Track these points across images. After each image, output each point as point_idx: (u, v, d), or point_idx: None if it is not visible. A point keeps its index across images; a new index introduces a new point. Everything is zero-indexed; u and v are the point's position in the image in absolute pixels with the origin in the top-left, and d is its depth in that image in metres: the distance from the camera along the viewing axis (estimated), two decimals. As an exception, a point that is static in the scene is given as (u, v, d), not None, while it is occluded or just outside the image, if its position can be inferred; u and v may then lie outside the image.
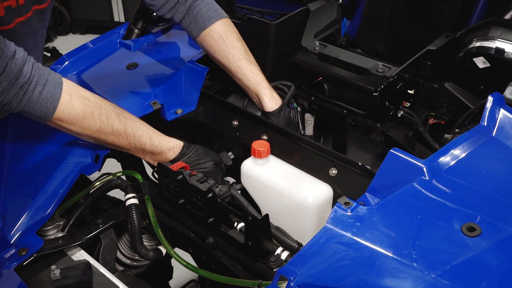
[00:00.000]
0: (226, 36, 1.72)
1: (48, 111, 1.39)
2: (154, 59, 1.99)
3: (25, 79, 1.34)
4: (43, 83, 1.37)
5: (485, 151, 1.32)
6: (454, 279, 1.03)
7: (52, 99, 1.39)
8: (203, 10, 1.72)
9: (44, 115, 1.40)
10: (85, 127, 1.46)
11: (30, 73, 1.35)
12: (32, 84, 1.35)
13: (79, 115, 1.44)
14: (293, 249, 1.36)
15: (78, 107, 1.44)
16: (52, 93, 1.39)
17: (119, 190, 1.67)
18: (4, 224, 1.53)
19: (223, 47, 1.72)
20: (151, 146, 1.56)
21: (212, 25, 1.72)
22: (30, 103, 1.36)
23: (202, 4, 1.73)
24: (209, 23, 1.72)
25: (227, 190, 1.47)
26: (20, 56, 1.34)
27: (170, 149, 1.58)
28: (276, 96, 1.73)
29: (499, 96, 1.42)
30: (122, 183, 1.66)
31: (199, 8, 1.73)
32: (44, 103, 1.38)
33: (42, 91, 1.37)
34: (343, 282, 1.06)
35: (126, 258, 1.78)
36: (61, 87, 1.41)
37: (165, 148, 1.57)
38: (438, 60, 1.75)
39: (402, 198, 1.23)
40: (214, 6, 1.75)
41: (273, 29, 1.95)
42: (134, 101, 1.79)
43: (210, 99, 1.79)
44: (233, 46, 1.72)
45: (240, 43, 1.75)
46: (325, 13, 2.04)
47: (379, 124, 1.66)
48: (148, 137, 1.56)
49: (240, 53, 1.73)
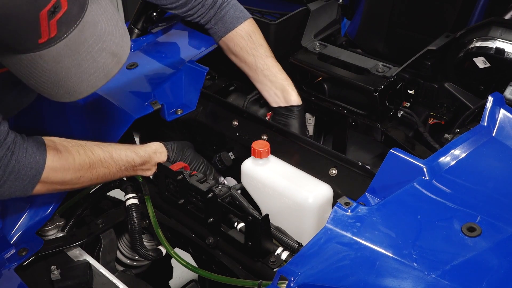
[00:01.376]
0: (254, 35, 1.77)
1: (38, 164, 1.33)
2: (154, 59, 1.99)
3: (10, 140, 1.29)
4: (24, 141, 1.33)
5: (485, 151, 1.32)
6: (454, 279, 1.03)
7: (39, 151, 1.33)
8: (231, 11, 1.77)
9: (34, 172, 1.32)
10: (78, 168, 1.41)
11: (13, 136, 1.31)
12: (17, 144, 1.30)
13: (69, 159, 1.39)
14: (293, 249, 1.36)
15: (64, 150, 1.39)
16: (36, 146, 1.34)
17: (119, 190, 1.67)
18: (4, 224, 1.54)
19: (251, 45, 1.76)
20: (139, 159, 1.54)
21: (240, 25, 1.77)
22: (18, 161, 1.29)
23: (229, 6, 1.77)
24: (238, 23, 1.76)
25: (227, 190, 1.47)
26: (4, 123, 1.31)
27: (155, 152, 1.58)
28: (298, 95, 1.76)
29: (499, 96, 1.42)
30: (122, 183, 1.66)
31: (227, 10, 1.77)
32: (32, 157, 1.32)
33: (27, 147, 1.32)
34: (343, 282, 1.06)
35: (126, 258, 1.78)
36: (41, 139, 1.37)
37: (151, 153, 1.57)
38: (438, 60, 1.75)
39: (402, 198, 1.23)
40: (240, 7, 1.80)
41: (273, 29, 1.95)
42: (134, 101, 1.79)
43: (210, 99, 1.78)
44: (260, 44, 1.77)
45: (265, 42, 1.79)
46: (325, 13, 2.04)
47: (379, 124, 1.66)
48: (132, 152, 1.54)
49: (267, 50, 1.78)
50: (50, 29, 1.10)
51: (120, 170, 1.51)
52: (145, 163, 1.56)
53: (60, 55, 1.15)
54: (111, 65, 1.21)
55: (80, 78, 1.19)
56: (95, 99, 1.84)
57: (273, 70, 1.74)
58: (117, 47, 1.21)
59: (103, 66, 1.20)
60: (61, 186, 1.41)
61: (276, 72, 1.74)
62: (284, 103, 1.73)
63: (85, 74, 1.19)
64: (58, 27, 1.12)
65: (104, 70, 1.21)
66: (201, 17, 1.78)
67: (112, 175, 1.50)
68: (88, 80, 1.20)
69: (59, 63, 1.15)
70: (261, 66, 1.75)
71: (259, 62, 1.75)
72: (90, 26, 1.17)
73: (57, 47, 1.14)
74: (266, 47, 1.78)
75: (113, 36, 1.21)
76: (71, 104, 1.89)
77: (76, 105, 1.88)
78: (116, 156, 1.49)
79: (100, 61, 1.19)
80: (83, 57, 1.17)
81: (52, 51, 1.14)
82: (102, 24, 1.19)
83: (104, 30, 1.19)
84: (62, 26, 1.12)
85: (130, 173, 1.55)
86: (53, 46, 1.13)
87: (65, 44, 1.14)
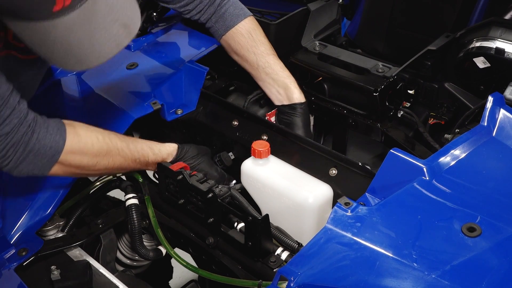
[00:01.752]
0: (254, 33, 1.76)
1: (58, 144, 1.35)
2: (154, 59, 1.99)
3: (31, 118, 1.32)
4: (45, 121, 1.35)
5: (485, 151, 1.32)
6: (454, 279, 1.03)
7: (59, 132, 1.36)
8: (231, 8, 1.76)
9: (53, 152, 1.34)
10: (95, 153, 1.43)
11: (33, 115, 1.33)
12: (38, 122, 1.33)
13: (88, 143, 1.41)
14: (293, 249, 1.36)
15: (84, 134, 1.41)
16: (57, 127, 1.36)
17: (119, 190, 1.67)
18: (4, 224, 1.54)
19: (252, 43, 1.75)
20: (154, 155, 1.56)
21: (240, 23, 1.76)
22: (39, 140, 1.32)
23: (228, 3, 1.77)
24: (238, 21, 1.76)
25: (227, 190, 1.47)
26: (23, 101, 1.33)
27: (169, 154, 1.59)
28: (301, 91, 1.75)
29: (499, 96, 1.42)
30: (122, 183, 1.66)
31: (227, 7, 1.76)
32: (53, 137, 1.34)
33: (48, 127, 1.34)
34: (343, 282, 1.06)
35: (126, 258, 1.78)
36: (61, 121, 1.39)
37: (164, 154, 1.58)
38: (438, 60, 1.75)
39: (402, 198, 1.23)
40: (240, 4, 1.80)
41: (273, 29, 1.95)
42: (134, 101, 1.79)
43: (210, 99, 1.79)
44: (261, 42, 1.76)
45: (267, 40, 1.78)
46: (325, 13, 2.04)
47: (379, 124, 1.66)
48: (148, 147, 1.56)
49: (268, 48, 1.77)
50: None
51: (134, 162, 1.53)
52: (157, 161, 1.57)
53: (74, 24, 1.16)
54: (122, 36, 1.23)
55: (92, 47, 1.20)
56: (95, 99, 1.84)
57: (275, 68, 1.74)
58: (128, 19, 1.23)
59: (115, 36, 1.21)
60: (77, 169, 1.43)
61: (278, 70, 1.74)
62: (287, 101, 1.72)
63: (97, 44, 1.20)
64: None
65: (116, 41, 1.22)
66: (201, 14, 1.77)
67: (126, 166, 1.52)
68: (100, 50, 1.21)
69: (72, 33, 1.16)
70: (262, 64, 1.74)
71: (260, 60, 1.75)
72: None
73: (71, 16, 1.15)
74: (267, 45, 1.77)
75: (124, 9, 1.22)
76: (71, 104, 1.89)
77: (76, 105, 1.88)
78: (132, 147, 1.51)
79: (112, 31, 1.20)
80: (96, 27, 1.18)
81: (66, 20, 1.14)
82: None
83: (116, 2, 1.20)
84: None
85: (143, 167, 1.57)
86: (67, 15, 1.14)
87: (78, 13, 1.15)
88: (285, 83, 1.72)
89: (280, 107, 1.74)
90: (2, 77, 1.27)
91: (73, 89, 1.92)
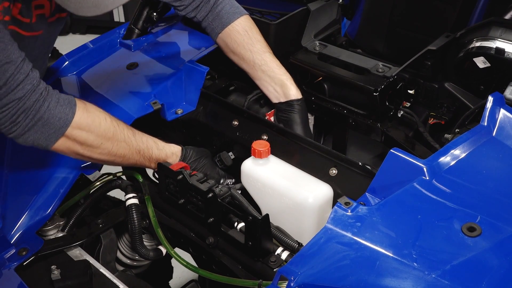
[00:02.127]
0: (250, 31, 1.77)
1: (67, 116, 1.37)
2: (154, 59, 1.99)
3: (43, 87, 1.34)
4: (57, 93, 1.38)
5: (485, 151, 1.32)
6: (454, 279, 1.03)
7: (70, 105, 1.38)
8: (227, 7, 1.77)
9: (61, 123, 1.37)
10: (102, 133, 1.44)
11: (45, 84, 1.36)
12: (49, 92, 1.35)
13: (95, 121, 1.43)
14: (293, 249, 1.36)
15: (93, 112, 1.43)
16: (68, 100, 1.38)
17: (119, 190, 1.67)
18: (4, 224, 1.54)
19: (248, 40, 1.76)
20: (158, 150, 1.56)
21: (237, 20, 1.77)
22: (49, 109, 1.34)
23: (224, 2, 1.78)
24: (234, 19, 1.76)
25: (227, 190, 1.47)
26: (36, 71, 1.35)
27: (173, 154, 1.60)
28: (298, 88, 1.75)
29: (499, 96, 1.42)
30: (122, 183, 1.67)
31: (223, 6, 1.77)
32: (63, 108, 1.36)
33: (59, 98, 1.37)
34: (343, 282, 1.06)
35: (126, 258, 1.78)
36: (73, 97, 1.41)
37: (169, 152, 1.59)
38: (438, 60, 1.75)
39: (402, 198, 1.23)
40: (235, 3, 1.81)
41: (273, 29, 1.95)
42: (134, 101, 1.79)
43: (210, 99, 1.79)
44: (257, 40, 1.77)
45: (262, 38, 1.79)
46: (325, 13, 2.04)
47: (379, 124, 1.66)
48: (153, 141, 1.56)
49: (264, 46, 1.77)
50: None
51: (138, 153, 1.53)
52: (160, 159, 1.56)
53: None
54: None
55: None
56: (95, 99, 1.84)
57: (271, 65, 1.74)
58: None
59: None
60: (81, 148, 1.43)
61: (274, 67, 1.74)
62: (284, 98, 1.72)
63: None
64: None
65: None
66: (196, 11, 1.77)
67: (130, 155, 1.51)
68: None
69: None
70: (258, 61, 1.75)
71: (257, 57, 1.75)
72: None
73: None
74: (263, 43, 1.77)
75: None
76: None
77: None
78: (138, 137, 1.52)
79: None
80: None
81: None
82: None
83: None
84: None
85: (145, 162, 1.56)
86: None
87: None
88: (281, 80, 1.73)
89: (277, 105, 1.74)
90: (14, 44, 1.29)
91: (73, 89, 1.92)
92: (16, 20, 1.39)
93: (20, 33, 1.42)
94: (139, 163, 1.56)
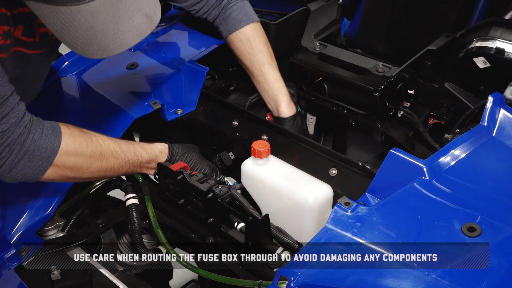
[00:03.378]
0: (253, 41, 1.76)
1: (53, 145, 1.34)
2: (154, 59, 1.99)
3: (28, 119, 1.32)
4: (40, 123, 1.35)
5: (485, 151, 1.32)
6: (454, 279, 1.03)
7: (54, 133, 1.35)
8: (234, 13, 1.77)
9: (48, 153, 1.34)
10: (89, 154, 1.42)
11: (30, 116, 1.33)
12: (33, 124, 1.33)
13: (82, 144, 1.40)
14: (293, 249, 1.36)
15: (78, 135, 1.41)
16: (52, 128, 1.36)
17: (119, 190, 1.67)
18: (4, 224, 1.54)
19: (250, 50, 1.76)
20: (147, 154, 1.55)
21: (241, 29, 1.76)
22: (34, 141, 1.31)
23: (234, 7, 1.77)
24: (239, 27, 1.76)
25: (227, 190, 1.47)
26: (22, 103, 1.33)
27: (162, 152, 1.59)
28: (292, 104, 1.75)
29: (499, 96, 1.42)
30: (122, 183, 1.66)
31: (231, 11, 1.77)
32: (48, 138, 1.34)
33: (43, 128, 1.34)
34: (343, 282, 1.06)
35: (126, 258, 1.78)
36: (56, 123, 1.38)
37: (157, 152, 1.58)
38: (438, 60, 1.75)
39: (402, 198, 1.23)
40: (246, 10, 1.79)
41: (273, 29, 1.95)
42: (134, 101, 1.79)
43: (210, 99, 1.79)
44: (259, 51, 1.76)
45: (266, 48, 1.78)
46: (325, 13, 2.04)
47: (379, 124, 1.66)
48: (140, 147, 1.55)
49: (265, 58, 1.76)
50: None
51: (128, 163, 1.52)
52: (151, 161, 1.56)
53: (99, 11, 1.16)
54: (144, 25, 1.24)
55: (115, 35, 1.21)
56: (95, 99, 1.84)
57: (267, 78, 1.74)
58: (150, 10, 1.24)
59: (138, 25, 1.22)
60: (71, 172, 1.42)
61: (270, 81, 1.74)
62: (276, 113, 1.74)
63: (120, 32, 1.20)
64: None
65: (138, 30, 1.23)
66: (207, 14, 1.78)
67: (120, 167, 1.50)
68: (122, 38, 1.22)
69: (96, 18, 1.17)
70: (256, 72, 1.75)
71: (255, 68, 1.75)
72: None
73: (96, 2, 1.16)
74: (265, 53, 1.76)
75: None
76: (71, 104, 1.89)
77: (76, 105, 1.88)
78: (125, 148, 1.51)
79: (135, 20, 1.21)
80: (120, 15, 1.19)
81: (91, 5, 1.15)
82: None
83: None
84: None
85: (136, 169, 1.55)
86: (93, 0, 1.15)
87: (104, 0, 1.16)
88: (275, 95, 1.73)
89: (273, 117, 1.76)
90: (5, 77, 1.27)
91: (73, 89, 1.92)
92: (20, 41, 1.38)
93: (26, 52, 1.42)
94: (130, 171, 1.55)
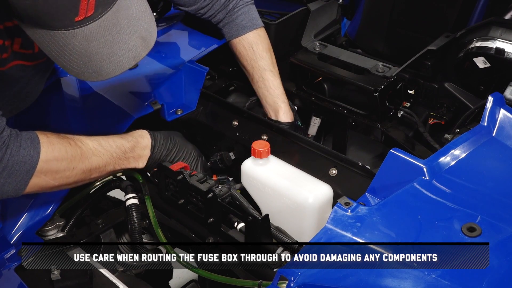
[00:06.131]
0: (256, 47, 1.77)
1: (32, 158, 1.30)
2: (154, 59, 1.99)
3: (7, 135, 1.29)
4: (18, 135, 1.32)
5: (485, 151, 1.32)
6: (454, 279, 1.03)
7: (32, 145, 1.32)
8: (239, 19, 1.77)
9: (29, 166, 1.30)
10: (70, 158, 1.39)
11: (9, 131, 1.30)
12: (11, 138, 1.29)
13: (62, 150, 1.37)
14: (293, 249, 1.36)
15: (57, 142, 1.37)
16: (30, 139, 1.32)
17: (119, 190, 1.67)
18: (4, 224, 1.53)
19: (252, 56, 1.76)
20: (128, 143, 1.52)
21: (244, 35, 1.77)
22: (12, 156, 1.28)
23: (239, 12, 1.77)
24: (242, 33, 1.77)
25: (227, 190, 1.47)
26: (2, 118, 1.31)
27: (142, 136, 1.56)
28: (291, 113, 1.75)
29: (499, 96, 1.42)
30: (122, 183, 1.66)
31: (236, 16, 1.77)
32: (26, 151, 1.30)
33: (21, 141, 1.30)
34: (343, 282, 1.06)
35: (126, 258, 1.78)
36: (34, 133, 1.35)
37: (137, 137, 1.55)
38: (438, 60, 1.75)
39: (402, 198, 1.23)
40: (251, 15, 1.79)
41: (273, 29, 1.95)
42: (134, 101, 1.79)
43: (210, 99, 1.79)
44: (261, 57, 1.77)
45: (269, 54, 1.78)
46: (325, 13, 2.04)
47: (379, 124, 1.66)
48: (119, 138, 1.52)
49: (266, 64, 1.76)
50: (88, 7, 1.14)
51: (112, 158, 1.49)
52: (134, 148, 1.53)
53: (93, 35, 1.16)
54: (140, 48, 1.23)
55: (110, 59, 1.21)
56: (95, 99, 1.84)
57: (267, 84, 1.74)
58: (146, 32, 1.24)
59: (133, 48, 1.22)
60: (54, 180, 1.39)
61: (270, 87, 1.74)
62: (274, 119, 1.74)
63: (115, 55, 1.20)
64: (96, 6, 1.15)
65: (133, 53, 1.23)
66: (212, 17, 1.79)
67: (105, 164, 1.47)
68: (118, 61, 1.22)
69: (91, 43, 1.17)
70: (257, 77, 1.76)
71: (256, 73, 1.76)
72: (124, 9, 1.20)
73: (91, 27, 1.15)
74: (267, 60, 1.77)
75: (143, 21, 1.23)
76: (71, 104, 1.89)
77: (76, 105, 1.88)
78: (104, 143, 1.48)
79: (130, 43, 1.21)
80: (115, 39, 1.19)
81: (86, 30, 1.15)
82: (134, 8, 1.22)
83: (135, 14, 1.22)
84: (99, 6, 1.15)
85: (123, 162, 1.52)
86: (87, 25, 1.15)
87: (99, 24, 1.16)
88: (274, 102, 1.74)
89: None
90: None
91: (73, 89, 1.92)
92: (18, 54, 1.37)
93: (25, 64, 1.41)
94: (118, 166, 1.52)
